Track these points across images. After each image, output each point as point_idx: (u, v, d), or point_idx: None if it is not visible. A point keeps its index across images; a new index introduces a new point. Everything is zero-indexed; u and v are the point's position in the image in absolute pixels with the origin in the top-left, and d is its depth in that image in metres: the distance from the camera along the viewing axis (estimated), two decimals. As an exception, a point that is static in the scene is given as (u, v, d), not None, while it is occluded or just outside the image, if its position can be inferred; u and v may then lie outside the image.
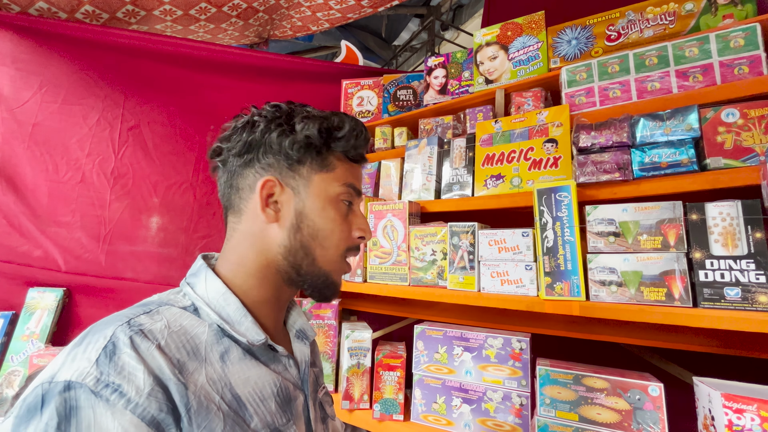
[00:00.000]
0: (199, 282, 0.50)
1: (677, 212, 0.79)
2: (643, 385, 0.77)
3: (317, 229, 0.52)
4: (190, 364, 0.42)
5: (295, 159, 0.52)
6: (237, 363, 0.46)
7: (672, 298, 0.77)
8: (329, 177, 0.54)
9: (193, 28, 2.12)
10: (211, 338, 0.45)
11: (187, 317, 0.46)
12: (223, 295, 0.49)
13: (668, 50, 0.96)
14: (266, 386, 0.48)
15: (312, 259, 0.52)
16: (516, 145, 1.09)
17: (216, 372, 0.43)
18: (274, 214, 0.51)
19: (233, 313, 0.48)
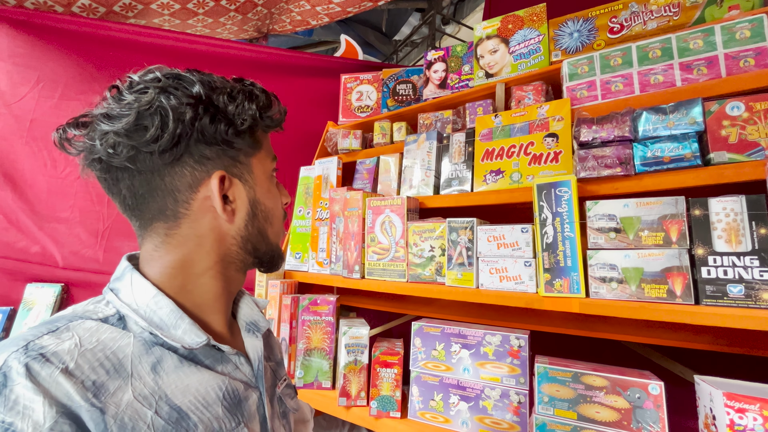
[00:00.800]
0: (124, 287, 0.45)
1: (680, 208, 0.77)
2: (643, 383, 0.76)
3: (268, 210, 0.52)
4: (111, 383, 0.37)
5: (236, 147, 0.48)
6: (173, 372, 0.42)
7: (674, 295, 0.75)
8: (261, 156, 0.52)
9: (191, 23, 2.10)
10: (138, 349, 0.41)
11: (106, 330, 0.41)
12: (153, 298, 0.44)
13: (672, 42, 0.94)
14: (209, 391, 0.44)
15: (266, 238, 0.53)
16: (516, 139, 1.07)
17: (147, 386, 0.40)
18: (230, 211, 0.48)
19: (166, 317, 0.44)
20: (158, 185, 0.45)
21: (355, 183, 1.49)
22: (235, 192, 0.49)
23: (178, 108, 0.43)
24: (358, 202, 1.24)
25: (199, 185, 0.46)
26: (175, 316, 0.44)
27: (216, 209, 0.47)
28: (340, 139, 1.56)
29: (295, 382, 1.23)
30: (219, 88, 0.47)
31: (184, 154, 0.45)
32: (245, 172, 0.50)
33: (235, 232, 0.49)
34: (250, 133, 0.49)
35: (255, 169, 0.51)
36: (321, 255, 1.39)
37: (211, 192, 0.46)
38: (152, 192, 0.45)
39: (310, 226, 1.47)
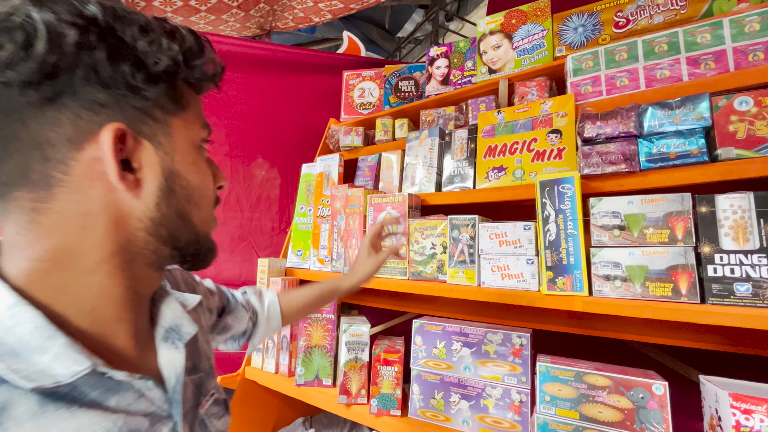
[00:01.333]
0: None
1: (686, 205, 0.76)
2: (646, 383, 0.74)
3: (192, 188, 0.39)
4: None
5: (146, 96, 0.35)
6: (29, 422, 0.29)
7: (679, 293, 0.74)
8: (188, 118, 0.40)
9: (193, 20, 2.10)
10: None
11: None
12: (9, 309, 0.31)
13: (679, 36, 0.92)
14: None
15: (190, 224, 0.40)
16: (519, 136, 1.06)
17: None
18: (133, 180, 0.35)
19: (28, 336, 0.31)
20: (17, 134, 0.31)
21: (357, 180, 1.48)
22: (142, 156, 0.36)
23: (56, 26, 0.30)
24: (360, 199, 1.23)
25: (85, 141, 0.33)
26: (42, 335, 0.31)
27: (108, 176, 0.33)
28: (341, 136, 1.55)
29: (296, 380, 1.23)
30: (125, 17, 0.34)
31: (64, 94, 0.31)
32: (160, 133, 0.37)
33: (142, 212, 0.36)
34: (169, 83, 0.37)
35: (175, 133, 0.38)
36: (322, 252, 1.39)
37: (101, 151, 0.33)
38: (8, 143, 0.31)
39: (311, 224, 1.46)
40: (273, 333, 0.81)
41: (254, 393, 1.38)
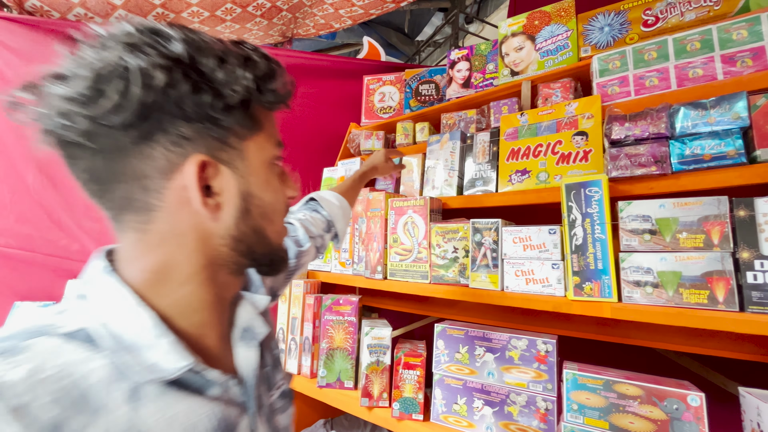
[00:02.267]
0: (96, 293, 0.37)
1: (722, 208, 0.73)
2: (681, 393, 0.72)
3: (266, 205, 0.43)
4: (75, 420, 0.30)
5: (224, 125, 0.38)
6: (156, 400, 0.35)
7: (715, 301, 0.71)
8: (261, 139, 0.42)
9: (219, 29, 2.16)
10: (108, 375, 0.34)
11: (71, 350, 0.33)
12: (132, 309, 0.36)
13: (713, 34, 0.89)
14: (202, 420, 0.37)
15: (264, 238, 0.43)
16: (543, 138, 1.04)
17: (121, 421, 0.32)
18: (214, 205, 0.39)
19: (147, 333, 0.36)
20: (122, 169, 0.35)
21: (378, 184, 1.49)
22: (221, 182, 0.39)
23: (148, 71, 0.33)
24: (381, 202, 1.24)
25: (174, 171, 0.36)
26: (155, 333, 0.36)
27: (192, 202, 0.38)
28: (362, 140, 1.56)
29: (318, 382, 1.24)
30: (206, 49, 0.37)
31: (156, 131, 0.35)
32: (236, 158, 0.40)
33: (224, 231, 0.40)
34: (244, 109, 0.39)
35: (250, 155, 0.41)
36: (344, 255, 1.40)
37: (186, 180, 0.37)
38: (116, 177, 0.36)
39: (332, 227, 1.48)
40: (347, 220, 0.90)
41: (277, 393, 1.40)
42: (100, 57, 0.33)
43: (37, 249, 1.63)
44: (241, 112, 0.39)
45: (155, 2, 1.82)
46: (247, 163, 0.41)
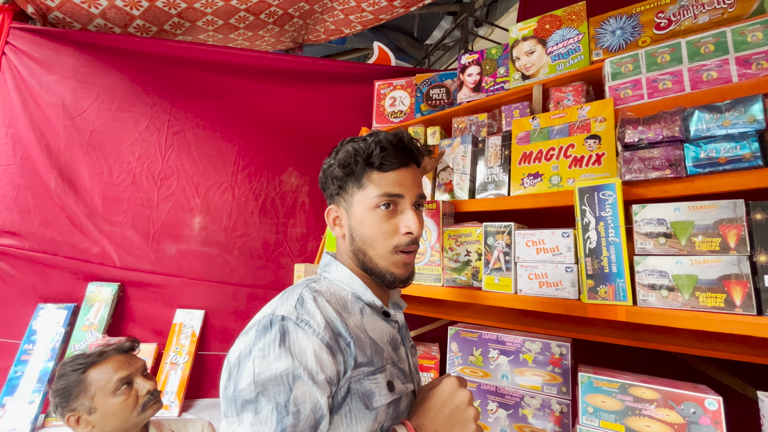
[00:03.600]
0: (332, 270, 0.68)
1: (738, 211, 0.73)
2: (699, 397, 0.71)
3: (364, 235, 0.65)
4: (344, 312, 0.60)
5: (339, 186, 0.66)
6: (369, 317, 0.64)
7: (732, 305, 0.71)
8: (365, 193, 0.65)
9: (232, 36, 2.21)
10: (352, 300, 0.64)
11: (336, 286, 0.65)
12: (350, 276, 0.66)
13: (727, 36, 0.89)
14: (385, 334, 0.65)
15: (369, 258, 0.65)
16: (555, 142, 1.05)
17: (357, 321, 0.61)
18: (339, 230, 0.68)
19: (359, 287, 0.65)
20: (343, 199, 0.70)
21: (389, 187, 1.50)
22: (342, 218, 0.68)
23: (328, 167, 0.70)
24: (393, 206, 1.25)
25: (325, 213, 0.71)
26: (363, 288, 0.65)
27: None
28: (374, 145, 1.58)
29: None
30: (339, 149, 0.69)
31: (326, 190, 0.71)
32: (348, 205, 0.67)
33: (347, 248, 0.68)
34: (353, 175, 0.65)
35: (355, 204, 0.65)
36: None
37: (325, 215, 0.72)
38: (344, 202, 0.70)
39: (345, 230, 1.50)
40: None
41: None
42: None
43: (59, 252, 1.69)
44: (351, 177, 0.65)
45: (172, 12, 1.87)
46: (353, 208, 0.66)
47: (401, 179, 0.65)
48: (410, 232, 0.64)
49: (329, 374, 0.53)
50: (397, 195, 0.64)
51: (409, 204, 0.65)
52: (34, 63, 1.73)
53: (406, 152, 0.66)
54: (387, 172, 0.64)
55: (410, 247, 0.65)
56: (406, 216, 0.65)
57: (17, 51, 1.72)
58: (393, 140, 0.65)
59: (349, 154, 0.65)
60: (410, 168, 0.67)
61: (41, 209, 1.70)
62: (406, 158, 0.66)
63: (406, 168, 0.66)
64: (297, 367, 0.51)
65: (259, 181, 1.93)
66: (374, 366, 0.59)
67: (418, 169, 0.71)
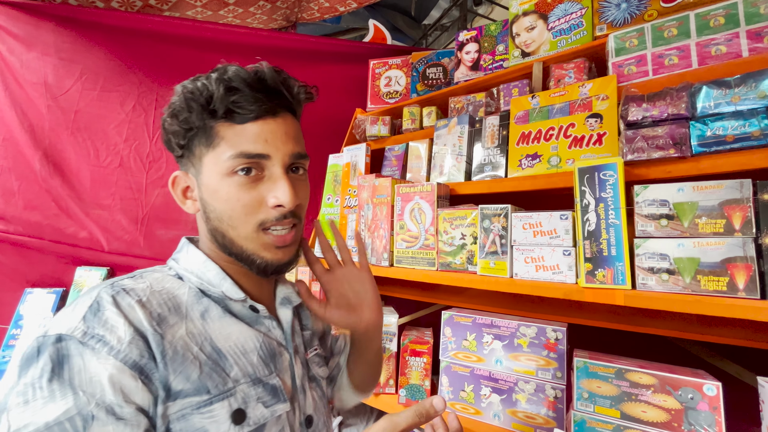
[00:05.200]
0: (182, 256, 0.55)
1: (745, 192, 0.70)
2: (697, 383, 0.70)
3: (219, 211, 0.50)
4: (171, 318, 0.46)
5: (181, 145, 0.51)
6: (217, 320, 0.49)
7: (735, 288, 0.68)
8: (215, 154, 0.49)
9: (222, 13, 2.12)
10: (191, 298, 0.49)
11: (170, 280, 0.50)
12: (203, 263, 0.53)
13: (738, 8, 0.84)
14: (248, 341, 0.51)
15: (230, 240, 0.51)
16: (555, 121, 1.01)
17: (196, 327, 0.47)
18: (192, 205, 0.54)
19: (213, 277, 0.52)
20: None
21: (384, 170, 1.46)
22: (194, 189, 0.53)
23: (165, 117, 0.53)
24: (387, 189, 1.22)
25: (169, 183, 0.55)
26: (219, 277, 0.52)
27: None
28: (368, 126, 1.53)
29: (324, 368, 1.24)
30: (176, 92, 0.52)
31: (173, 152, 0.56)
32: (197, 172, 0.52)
33: (203, 227, 0.54)
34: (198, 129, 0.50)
35: (205, 170, 0.50)
36: (350, 243, 1.39)
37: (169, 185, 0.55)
38: None
39: (338, 214, 1.47)
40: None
41: (284, 379, 1.41)
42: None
43: (45, 236, 1.64)
44: (196, 132, 0.50)
45: (157, -15, 1.78)
46: (202, 175, 0.51)
47: (265, 133, 0.49)
48: (280, 204, 0.49)
49: (141, 403, 0.39)
50: (259, 155, 0.48)
51: (280, 167, 0.49)
52: (12, 39, 1.66)
53: (271, 95, 0.50)
54: (243, 124, 0.48)
55: (282, 222, 0.50)
56: (274, 183, 0.49)
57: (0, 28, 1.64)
58: (249, 78, 0.48)
59: (182, 100, 0.48)
60: (279, 118, 0.51)
61: (26, 192, 1.65)
62: (271, 103, 0.49)
63: (272, 118, 0.50)
64: (85, 405, 0.36)
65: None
66: (209, 393, 0.44)
67: (293, 119, 0.54)
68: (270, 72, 0.50)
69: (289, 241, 0.52)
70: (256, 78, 0.49)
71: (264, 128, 0.49)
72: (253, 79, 0.49)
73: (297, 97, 0.54)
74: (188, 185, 0.53)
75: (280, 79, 0.51)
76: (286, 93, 0.52)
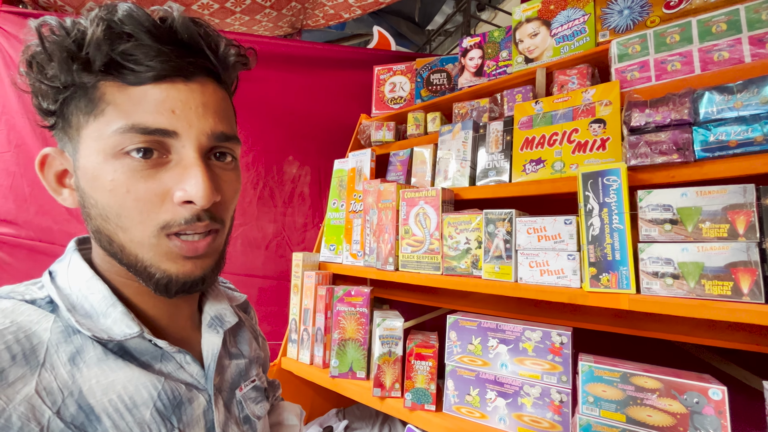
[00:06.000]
0: (62, 269, 0.40)
1: (749, 197, 0.70)
2: (702, 387, 0.70)
3: (102, 207, 0.36)
4: (14, 370, 0.31)
5: (56, 112, 0.37)
6: (95, 366, 0.36)
7: (740, 293, 0.69)
8: (98, 125, 0.35)
9: (229, 21, 2.16)
10: (57, 336, 0.35)
11: (26, 311, 0.35)
12: (87, 282, 0.39)
13: (740, 14, 0.85)
14: (140, 390, 0.37)
15: (120, 246, 0.37)
16: (558, 126, 1.02)
17: (59, 378, 0.34)
18: (69, 195, 0.39)
19: (98, 303, 0.38)
20: None
21: (389, 175, 1.48)
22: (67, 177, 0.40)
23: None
24: (392, 194, 1.23)
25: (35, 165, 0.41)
26: (106, 304, 0.38)
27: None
28: (373, 131, 1.55)
29: (330, 372, 1.25)
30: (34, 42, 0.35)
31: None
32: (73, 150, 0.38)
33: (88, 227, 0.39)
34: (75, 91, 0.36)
35: (83, 147, 0.36)
36: (355, 247, 1.40)
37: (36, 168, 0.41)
38: None
39: (344, 219, 1.48)
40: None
41: (289, 383, 1.42)
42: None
43: (56, 241, 1.67)
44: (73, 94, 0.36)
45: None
46: (78, 155, 0.37)
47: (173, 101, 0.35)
48: (189, 200, 0.36)
49: None
50: (161, 131, 0.35)
51: (193, 149, 0.36)
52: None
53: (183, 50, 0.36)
54: (140, 86, 0.34)
55: (193, 226, 0.37)
56: (184, 171, 0.36)
57: (8, 35, 1.68)
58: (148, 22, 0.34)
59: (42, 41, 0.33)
60: (195, 83, 0.37)
61: (37, 197, 1.68)
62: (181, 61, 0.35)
63: (184, 82, 0.36)
64: None
65: (257, 171, 1.91)
66: None
67: (218, 87, 0.40)
68: (182, 19, 0.35)
69: (202, 251, 0.38)
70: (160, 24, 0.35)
71: (171, 94, 0.35)
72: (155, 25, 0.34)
73: (223, 58, 0.39)
74: (65, 168, 0.39)
75: (200, 31, 0.37)
76: (207, 50, 0.37)
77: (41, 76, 0.35)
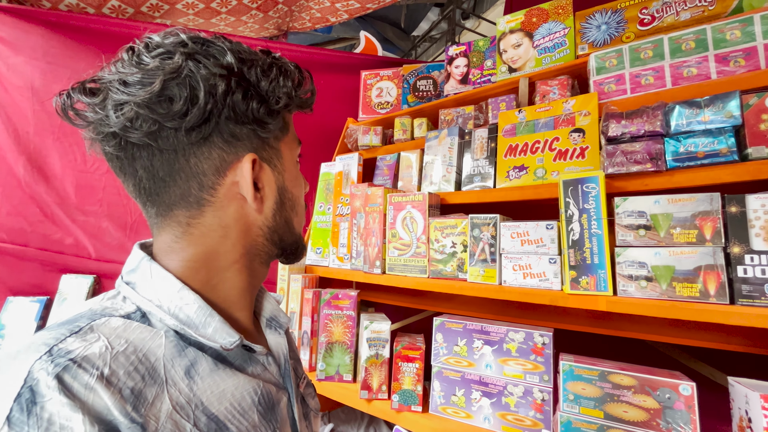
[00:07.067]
0: (143, 279, 0.40)
1: (714, 204, 0.75)
2: (673, 383, 0.74)
3: (294, 199, 0.48)
4: (149, 390, 0.32)
5: (268, 128, 0.43)
6: (208, 377, 0.38)
7: (707, 294, 0.73)
8: (289, 139, 0.48)
9: (214, 21, 2.14)
10: (170, 351, 0.36)
11: (135, 328, 0.35)
12: (178, 292, 0.39)
13: (707, 33, 0.91)
14: (245, 396, 0.40)
15: (292, 229, 0.48)
16: (540, 135, 1.06)
17: (183, 393, 0.35)
18: (260, 198, 0.44)
19: (195, 314, 0.39)
20: (182, 167, 0.39)
21: (376, 179, 1.49)
22: (264, 178, 0.44)
23: (209, 79, 0.37)
24: (379, 198, 1.25)
25: (227, 169, 0.41)
26: (203, 314, 0.39)
27: (246, 197, 0.42)
28: (360, 136, 1.56)
29: (317, 375, 1.25)
30: (250, 60, 0.41)
31: (213, 133, 0.39)
32: (275, 157, 0.46)
33: (262, 223, 0.45)
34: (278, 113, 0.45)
35: (284, 154, 0.47)
36: (342, 250, 1.41)
37: (242, 177, 0.42)
38: (174, 175, 0.39)
39: (330, 222, 1.49)
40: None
41: (275, 387, 1.41)
42: (164, 65, 0.37)
43: (29, 243, 1.61)
44: (279, 116, 0.45)
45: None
46: (282, 161, 0.47)
47: None
48: (307, 190, 0.54)
49: None
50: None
51: None
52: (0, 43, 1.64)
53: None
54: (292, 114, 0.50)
55: None
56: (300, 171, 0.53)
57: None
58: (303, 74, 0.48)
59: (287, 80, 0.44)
60: None
61: (9, 198, 1.62)
62: None
63: None
64: None
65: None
66: None
67: None
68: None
69: None
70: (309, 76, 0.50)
71: None
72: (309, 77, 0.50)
73: None
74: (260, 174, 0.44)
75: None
76: None
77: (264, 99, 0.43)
